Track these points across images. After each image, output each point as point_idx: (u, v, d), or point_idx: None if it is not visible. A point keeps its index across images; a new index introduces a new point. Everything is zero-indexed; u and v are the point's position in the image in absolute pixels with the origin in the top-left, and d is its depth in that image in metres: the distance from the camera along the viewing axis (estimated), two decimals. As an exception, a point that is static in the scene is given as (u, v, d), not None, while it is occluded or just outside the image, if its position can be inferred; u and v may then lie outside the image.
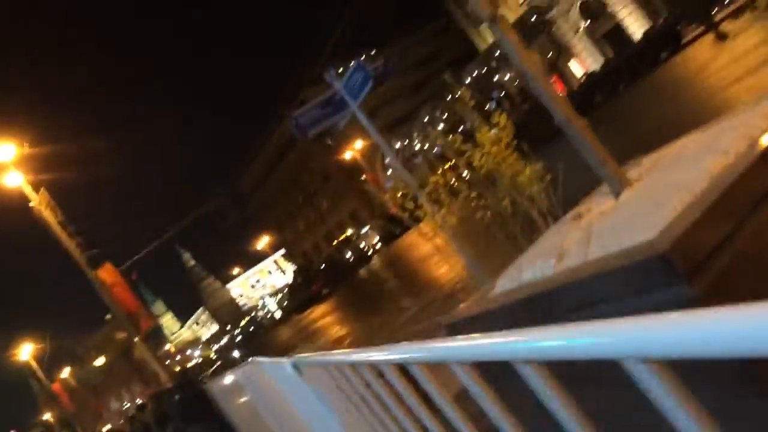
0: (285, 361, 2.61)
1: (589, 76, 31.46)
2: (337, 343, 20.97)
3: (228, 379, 8.14)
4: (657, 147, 3.23)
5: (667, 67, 24.26)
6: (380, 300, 23.45)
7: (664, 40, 26.37)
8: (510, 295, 2.76)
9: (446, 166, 4.48)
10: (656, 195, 2.40)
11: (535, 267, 2.76)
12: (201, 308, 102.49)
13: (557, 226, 3.17)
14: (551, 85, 2.70)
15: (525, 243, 3.55)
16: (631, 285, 2.12)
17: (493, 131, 3.75)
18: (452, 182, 4.21)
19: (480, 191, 3.82)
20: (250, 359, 5.88)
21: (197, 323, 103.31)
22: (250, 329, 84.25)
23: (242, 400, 7.32)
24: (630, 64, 27.50)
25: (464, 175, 4.00)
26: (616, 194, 2.79)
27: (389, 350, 1.50)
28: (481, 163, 3.73)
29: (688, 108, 13.48)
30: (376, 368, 1.77)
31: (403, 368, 1.53)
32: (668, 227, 2.08)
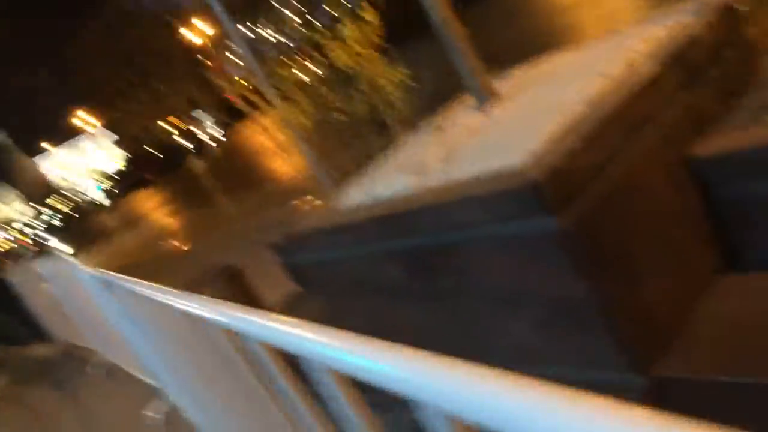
0: (92, 272, 2.20)
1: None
2: (165, 233, 20.11)
3: (33, 267, 7.50)
4: (501, 61, 3.05)
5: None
6: (215, 190, 22.62)
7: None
8: (361, 211, 2.51)
9: (299, 60, 4.06)
10: (529, 116, 2.22)
11: (390, 181, 2.52)
12: (7, 186, 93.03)
13: (415, 137, 2.94)
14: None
15: (379, 151, 3.31)
16: (497, 212, 1.94)
17: (358, 28, 3.37)
18: (306, 78, 3.81)
19: (335, 91, 3.48)
20: (58, 253, 5.32)
21: (2, 202, 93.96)
22: (70, 213, 78.85)
23: (46, 290, 6.78)
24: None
25: (320, 71, 3.62)
26: (482, 108, 2.59)
27: (193, 301, 1.25)
28: (341, 60, 3.37)
29: (528, 26, 13.77)
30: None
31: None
32: (541, 153, 1.91)
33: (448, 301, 2.33)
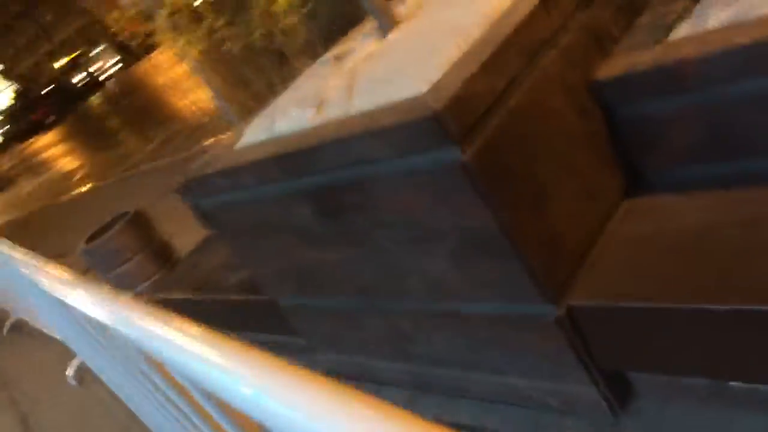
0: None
1: None
2: (68, 178, 19.15)
3: None
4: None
5: None
6: (119, 130, 21.50)
7: None
8: (260, 150, 2.37)
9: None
10: (429, 40, 2.11)
11: (290, 116, 2.38)
12: None
13: (315, 68, 2.79)
14: None
15: (279, 84, 3.14)
16: (399, 145, 1.86)
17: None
18: (195, 5, 3.52)
19: (228, 19, 3.24)
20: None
21: None
22: (-38, 160, 73.59)
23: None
24: None
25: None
26: (382, 34, 2.46)
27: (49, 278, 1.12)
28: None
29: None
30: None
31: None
32: (442, 81, 1.83)
33: (359, 239, 2.26)
